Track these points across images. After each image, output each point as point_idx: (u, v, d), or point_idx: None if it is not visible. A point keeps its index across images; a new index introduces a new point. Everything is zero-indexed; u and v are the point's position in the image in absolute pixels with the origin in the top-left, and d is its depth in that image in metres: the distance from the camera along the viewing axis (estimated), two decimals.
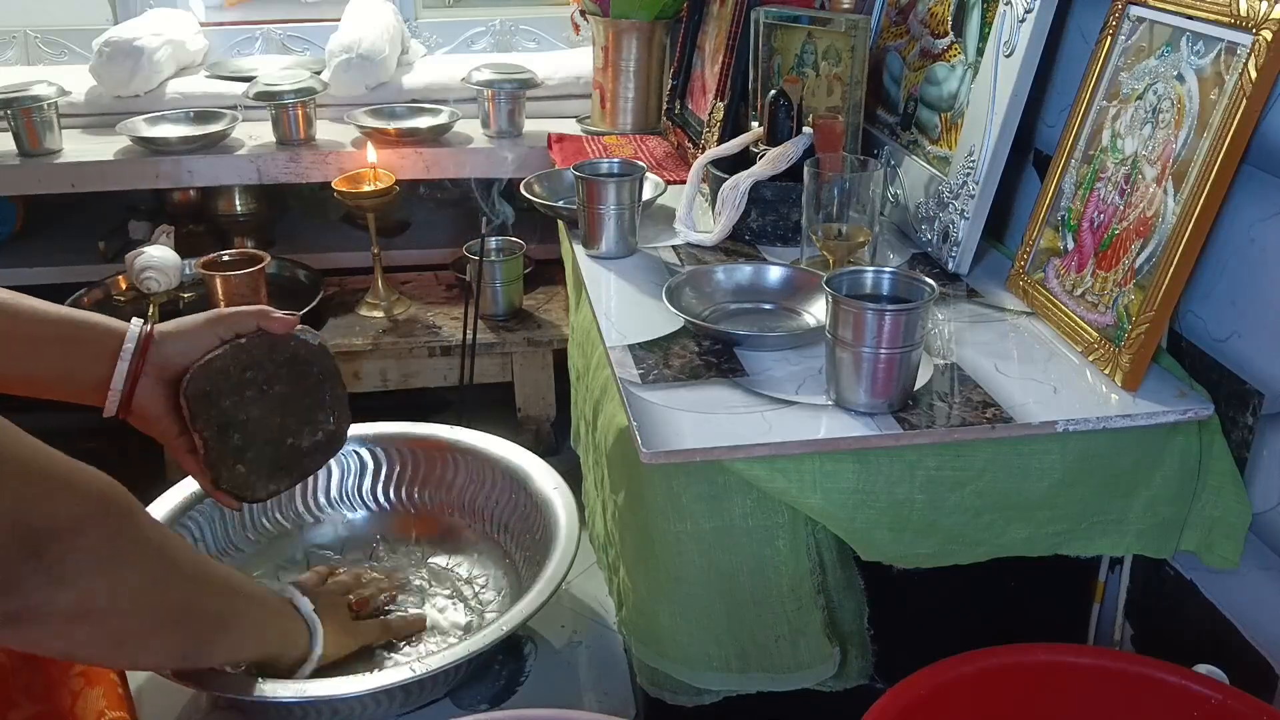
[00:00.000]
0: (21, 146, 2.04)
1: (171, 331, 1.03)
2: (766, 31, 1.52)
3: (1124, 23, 1.09)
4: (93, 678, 1.00)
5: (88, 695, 0.99)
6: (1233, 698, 0.86)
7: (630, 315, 1.16)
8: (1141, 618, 1.11)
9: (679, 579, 0.99)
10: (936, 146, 1.33)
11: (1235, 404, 0.96)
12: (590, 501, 1.32)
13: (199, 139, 2.07)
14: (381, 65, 2.20)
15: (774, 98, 1.35)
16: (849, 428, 0.94)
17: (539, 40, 2.63)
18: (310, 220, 2.44)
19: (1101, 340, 1.02)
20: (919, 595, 1.09)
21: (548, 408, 2.02)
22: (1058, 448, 0.96)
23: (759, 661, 1.01)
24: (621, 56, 1.96)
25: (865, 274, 0.99)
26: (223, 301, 1.90)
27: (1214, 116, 0.93)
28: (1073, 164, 1.13)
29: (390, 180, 1.86)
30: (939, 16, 1.37)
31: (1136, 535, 1.00)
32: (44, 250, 2.26)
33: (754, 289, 1.20)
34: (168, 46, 2.22)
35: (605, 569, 1.21)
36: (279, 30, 2.57)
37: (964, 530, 0.98)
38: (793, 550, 0.98)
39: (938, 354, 1.06)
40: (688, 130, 1.79)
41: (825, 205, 1.20)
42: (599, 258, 1.33)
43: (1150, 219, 0.99)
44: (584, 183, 1.31)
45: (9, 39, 2.54)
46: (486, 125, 2.13)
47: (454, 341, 1.93)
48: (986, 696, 0.90)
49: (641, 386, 1.00)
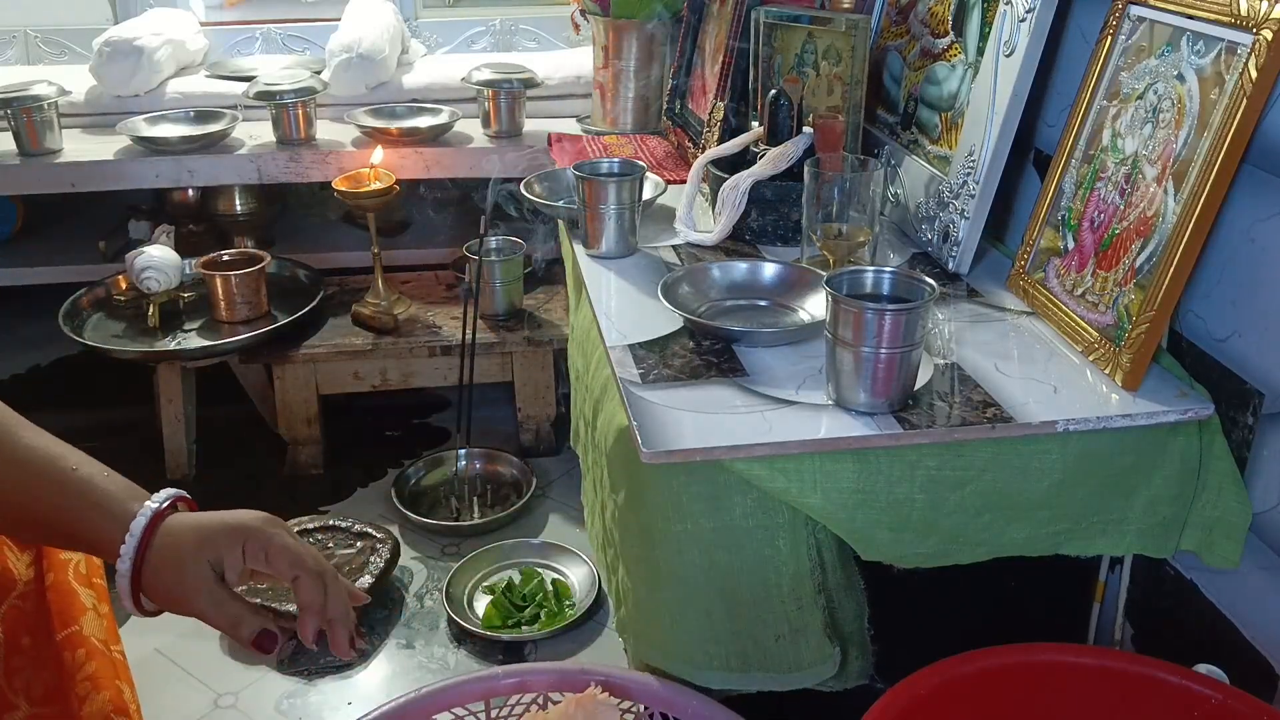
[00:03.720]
0: (21, 146, 2.04)
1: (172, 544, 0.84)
2: (766, 31, 1.52)
3: (1124, 22, 1.09)
4: (100, 682, 1.00)
5: (94, 700, 0.99)
6: (1233, 698, 0.86)
7: (630, 315, 1.16)
8: (1142, 617, 1.11)
9: (679, 579, 0.99)
10: (937, 146, 1.33)
11: (1235, 404, 0.96)
12: (590, 501, 1.32)
13: (199, 139, 2.07)
14: (381, 65, 2.20)
15: (774, 97, 1.35)
16: (849, 427, 0.94)
17: (539, 40, 2.63)
18: (310, 220, 2.44)
19: (1102, 340, 1.02)
20: (919, 595, 1.09)
21: (548, 408, 2.02)
22: (1058, 447, 0.96)
23: (759, 661, 1.01)
24: (622, 56, 1.96)
25: (865, 274, 0.99)
26: (223, 301, 1.90)
27: (1214, 116, 0.93)
28: (1073, 164, 1.13)
29: (390, 180, 1.86)
30: (939, 16, 1.36)
31: (1137, 535, 1.00)
32: (44, 250, 2.26)
33: (750, 286, 1.20)
34: (168, 46, 2.22)
35: (604, 569, 1.21)
36: (279, 30, 2.57)
37: (964, 530, 0.98)
38: (793, 550, 0.98)
39: (938, 354, 1.06)
40: (688, 130, 1.79)
41: (825, 205, 1.20)
42: (599, 257, 1.33)
43: (1150, 219, 0.99)
44: (584, 183, 1.31)
45: (9, 39, 2.54)
46: (486, 125, 2.13)
47: (454, 341, 1.93)
48: (987, 696, 0.90)
49: (642, 386, 1.00)
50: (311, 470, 1.98)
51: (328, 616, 0.85)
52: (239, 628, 0.84)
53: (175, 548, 0.83)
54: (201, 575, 0.83)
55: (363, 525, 1.72)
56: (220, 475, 1.98)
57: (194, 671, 1.51)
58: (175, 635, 1.57)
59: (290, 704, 1.45)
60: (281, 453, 1.99)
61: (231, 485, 1.94)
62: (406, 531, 1.80)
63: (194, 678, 1.50)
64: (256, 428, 2.08)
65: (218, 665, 1.52)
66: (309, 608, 0.84)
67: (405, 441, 2.09)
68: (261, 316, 1.94)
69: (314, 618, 0.84)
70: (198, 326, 1.93)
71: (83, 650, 1.01)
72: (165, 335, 1.90)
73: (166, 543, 0.83)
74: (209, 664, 1.52)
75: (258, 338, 1.88)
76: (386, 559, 1.65)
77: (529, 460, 1.95)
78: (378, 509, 1.87)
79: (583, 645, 1.56)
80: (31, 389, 2.27)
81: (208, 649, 1.55)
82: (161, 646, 1.55)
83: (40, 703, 0.96)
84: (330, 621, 0.85)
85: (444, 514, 1.85)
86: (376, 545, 1.68)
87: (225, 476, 1.98)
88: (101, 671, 1.00)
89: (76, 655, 1.01)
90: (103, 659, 1.02)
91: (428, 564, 1.74)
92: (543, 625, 1.57)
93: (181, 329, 1.92)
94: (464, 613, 1.59)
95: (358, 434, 2.11)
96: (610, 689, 1.01)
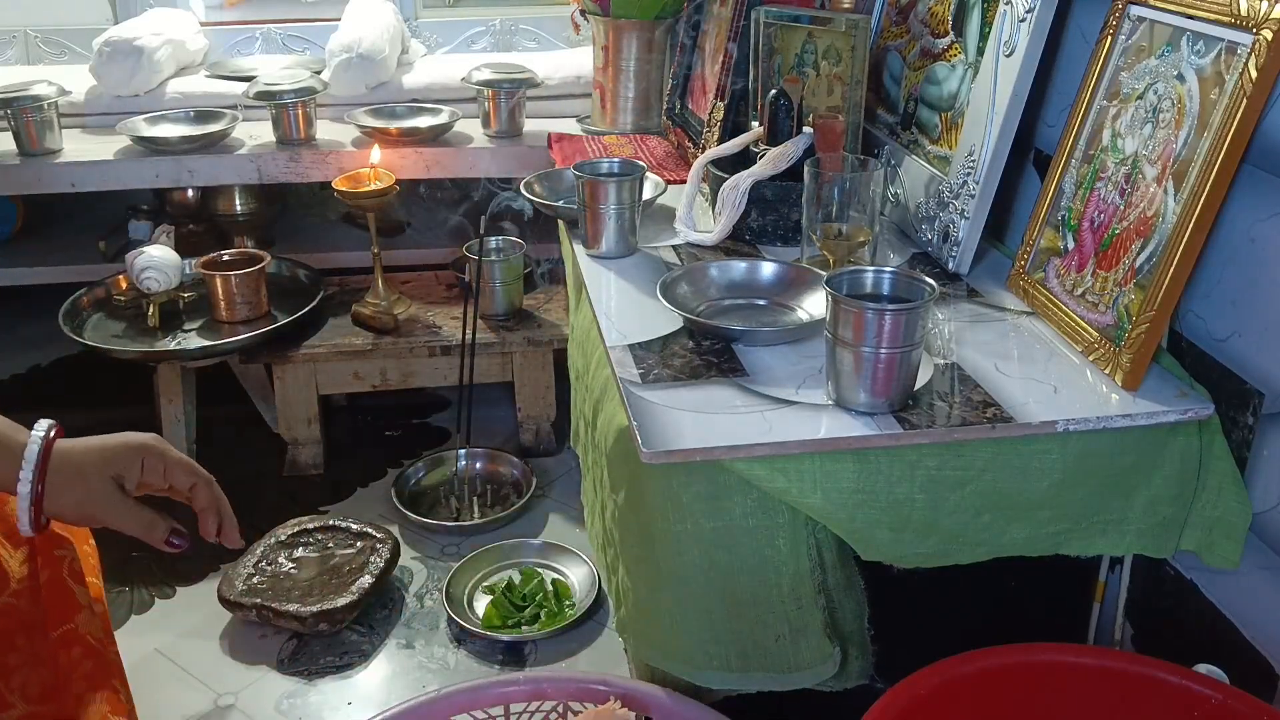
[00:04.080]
0: (21, 146, 2.04)
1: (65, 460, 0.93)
2: (766, 31, 1.52)
3: (1124, 22, 1.09)
4: (96, 682, 1.00)
5: (91, 699, 0.99)
6: (1233, 697, 0.86)
7: (630, 315, 1.16)
8: (1142, 617, 1.11)
9: (679, 579, 0.99)
10: (937, 146, 1.33)
11: (1235, 404, 0.96)
12: (590, 501, 1.32)
13: (199, 139, 2.07)
14: (381, 65, 2.20)
15: (774, 98, 1.35)
16: (849, 427, 0.94)
17: (539, 40, 2.63)
18: (310, 220, 2.44)
19: (1102, 340, 1.02)
20: (919, 595, 1.09)
21: (548, 408, 2.02)
22: (1058, 447, 0.96)
23: (759, 661, 1.01)
24: (622, 56, 1.96)
25: (865, 274, 0.99)
26: (223, 301, 1.90)
27: (1214, 116, 0.93)
28: (1073, 164, 1.13)
29: (390, 180, 1.86)
30: (939, 16, 1.36)
31: (1136, 535, 1.00)
32: (44, 250, 2.26)
33: (749, 285, 1.21)
34: (168, 46, 2.22)
35: (604, 569, 1.21)
36: (279, 30, 2.57)
37: (964, 530, 0.98)
38: (793, 550, 0.98)
39: (938, 354, 1.06)
40: (688, 130, 1.79)
41: (825, 205, 1.20)
42: (599, 257, 1.33)
43: (1150, 219, 0.99)
44: (584, 183, 1.31)
45: (9, 39, 2.54)
46: (486, 125, 2.13)
47: (454, 341, 1.93)
48: (987, 696, 0.90)
49: (642, 386, 1.00)
50: (311, 470, 1.98)
51: (220, 514, 1.03)
52: (154, 529, 0.97)
53: (77, 465, 0.93)
54: (108, 488, 0.94)
55: (363, 525, 1.72)
56: (220, 475, 1.96)
57: (194, 671, 1.51)
58: (175, 635, 1.57)
59: (290, 704, 1.45)
60: (281, 453, 1.99)
61: (231, 485, 1.92)
62: (406, 531, 1.80)
63: (194, 678, 1.50)
64: (256, 428, 2.08)
65: (217, 665, 1.52)
66: (209, 508, 1.02)
67: (405, 441, 2.09)
68: (261, 316, 1.94)
69: (213, 517, 1.02)
70: (198, 326, 1.93)
71: (79, 649, 1.01)
72: (165, 335, 1.90)
73: (65, 463, 0.92)
74: (209, 664, 1.52)
75: (258, 338, 1.88)
76: (386, 559, 1.65)
77: (529, 460, 1.95)
78: (378, 509, 1.87)
79: (583, 645, 1.56)
80: (31, 389, 2.27)
81: (208, 649, 1.55)
82: (161, 646, 1.55)
83: (37, 701, 0.96)
84: (223, 519, 1.03)
85: (444, 514, 1.85)
86: (376, 545, 1.68)
87: (225, 476, 1.95)
88: (98, 671, 1.00)
89: (72, 654, 1.01)
90: (99, 658, 1.02)
91: (428, 564, 1.74)
92: (543, 625, 1.57)
93: (181, 329, 1.92)
94: (464, 613, 1.59)
95: (358, 434, 2.11)
96: (629, 703, 1.02)
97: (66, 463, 0.92)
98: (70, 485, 0.92)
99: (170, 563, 1.68)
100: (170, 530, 0.98)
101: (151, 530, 0.97)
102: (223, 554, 1.62)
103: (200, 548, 1.05)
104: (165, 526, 0.98)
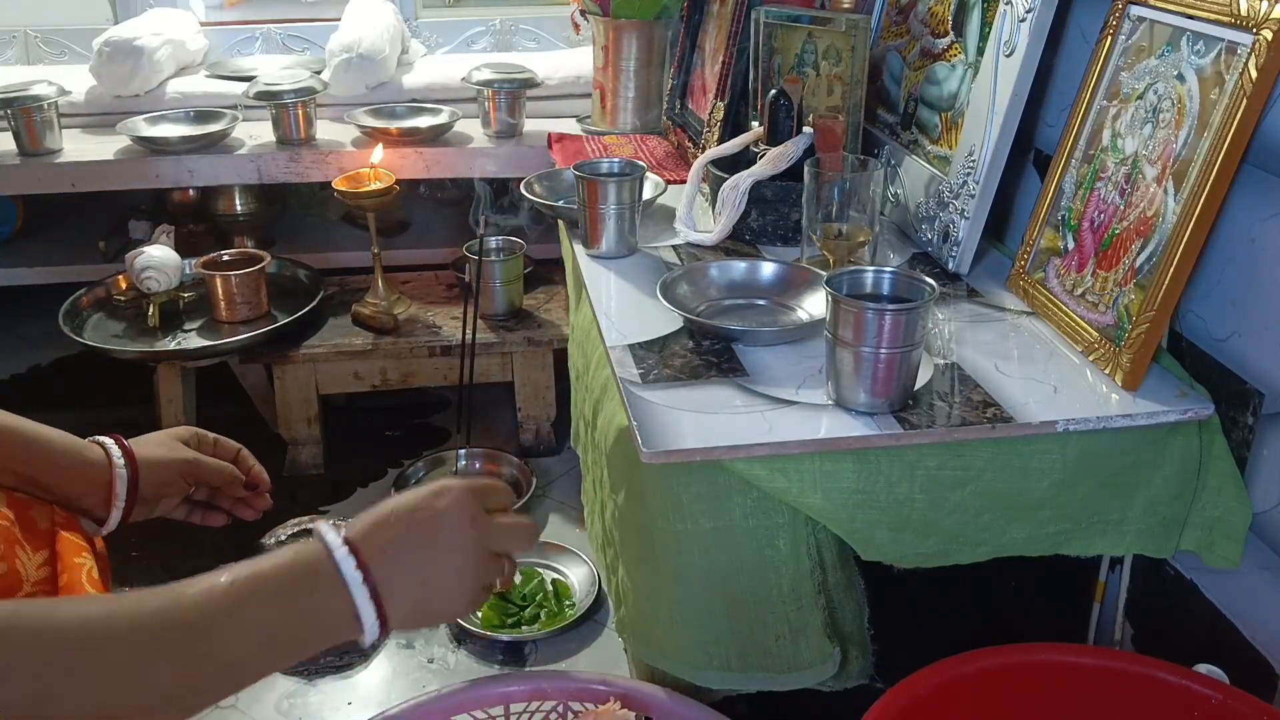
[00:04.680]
0: (21, 146, 2.04)
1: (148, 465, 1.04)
2: (766, 31, 1.52)
3: (1124, 22, 1.09)
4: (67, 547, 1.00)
5: None
6: (1233, 697, 0.86)
7: (630, 315, 1.16)
8: (1141, 618, 1.11)
9: (679, 579, 0.99)
10: (937, 146, 1.33)
11: (1235, 404, 0.96)
12: (590, 501, 1.32)
13: (199, 139, 2.07)
14: (381, 65, 2.20)
15: (774, 98, 1.35)
16: (849, 427, 0.94)
17: (539, 40, 2.63)
18: (310, 220, 2.44)
19: (1102, 340, 1.02)
20: (919, 595, 1.09)
21: (548, 408, 2.02)
22: (1058, 447, 0.96)
23: (759, 661, 1.01)
24: (622, 56, 1.96)
25: (865, 274, 0.99)
26: (223, 301, 1.90)
27: (1214, 116, 0.93)
28: (1073, 164, 1.13)
29: (390, 180, 1.86)
30: (939, 16, 1.36)
31: (1136, 535, 1.00)
32: (44, 250, 2.26)
33: (749, 285, 1.21)
34: (168, 46, 2.23)
35: (604, 569, 1.21)
36: (279, 30, 2.58)
37: (964, 530, 0.98)
38: (793, 550, 0.98)
39: (938, 354, 1.06)
40: (688, 130, 1.79)
41: (825, 205, 1.20)
42: (599, 257, 1.33)
43: (1150, 219, 0.99)
44: (584, 182, 1.31)
45: (9, 39, 2.54)
46: (486, 125, 2.13)
47: (454, 341, 1.93)
48: (987, 696, 0.90)
49: (642, 386, 1.00)
50: (311, 470, 1.98)
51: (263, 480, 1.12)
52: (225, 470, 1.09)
53: (158, 469, 1.03)
54: (177, 487, 1.05)
55: None
56: None
57: None
58: None
59: (290, 704, 1.45)
60: (281, 453, 1.99)
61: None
62: None
63: None
64: (256, 428, 2.08)
65: None
66: (262, 474, 1.13)
67: (405, 441, 2.09)
68: (261, 316, 1.94)
69: (266, 482, 1.13)
70: (198, 326, 1.93)
71: None
72: (165, 335, 1.90)
73: (149, 471, 1.02)
74: None
75: (258, 338, 1.88)
76: None
77: (529, 460, 1.95)
78: None
79: (582, 645, 1.56)
80: (31, 389, 2.27)
81: None
82: None
83: None
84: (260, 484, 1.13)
85: None
86: None
87: None
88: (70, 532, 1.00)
89: None
90: None
91: None
92: (543, 625, 1.57)
93: (181, 329, 1.92)
94: None
95: (358, 434, 2.11)
96: (629, 703, 1.02)
97: (149, 472, 1.02)
98: (153, 490, 1.02)
99: (170, 563, 1.68)
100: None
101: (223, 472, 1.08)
102: (223, 554, 1.62)
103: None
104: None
